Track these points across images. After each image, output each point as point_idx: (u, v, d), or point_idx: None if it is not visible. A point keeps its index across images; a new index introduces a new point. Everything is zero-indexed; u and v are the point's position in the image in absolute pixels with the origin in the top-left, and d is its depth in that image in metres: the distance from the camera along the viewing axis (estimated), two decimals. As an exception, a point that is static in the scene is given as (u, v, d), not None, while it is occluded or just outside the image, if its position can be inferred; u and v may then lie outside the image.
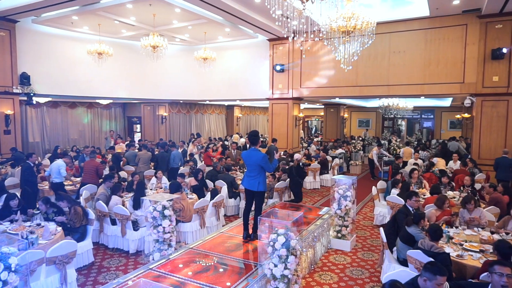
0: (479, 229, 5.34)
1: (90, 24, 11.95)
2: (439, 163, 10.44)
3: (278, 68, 12.85)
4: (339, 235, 6.43)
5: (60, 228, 5.22)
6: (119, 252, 6.31)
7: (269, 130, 13.89)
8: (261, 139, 16.00)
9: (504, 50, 9.69)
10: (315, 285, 5.16)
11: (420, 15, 10.67)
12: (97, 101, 15.87)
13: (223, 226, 6.96)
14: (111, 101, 16.36)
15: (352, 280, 5.32)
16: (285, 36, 6.57)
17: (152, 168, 10.43)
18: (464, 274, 4.23)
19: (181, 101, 17.75)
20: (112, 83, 13.92)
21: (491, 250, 4.40)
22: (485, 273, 3.59)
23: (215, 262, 4.64)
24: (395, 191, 7.54)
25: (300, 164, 9.87)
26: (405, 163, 10.96)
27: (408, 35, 11.21)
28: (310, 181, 11.42)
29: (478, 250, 4.50)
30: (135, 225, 6.28)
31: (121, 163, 10.59)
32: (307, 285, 5.14)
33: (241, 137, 18.90)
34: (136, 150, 11.16)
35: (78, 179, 8.98)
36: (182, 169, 10.02)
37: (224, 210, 8.12)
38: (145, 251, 5.97)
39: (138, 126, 19.27)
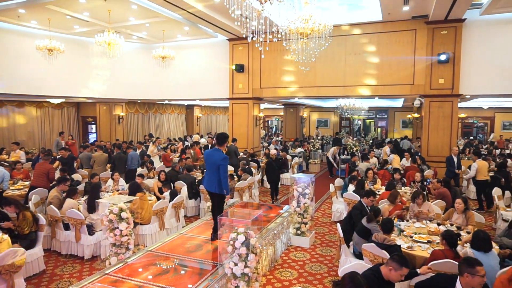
0: (427, 221, 5.69)
1: (39, 18, 11.27)
2: (395, 160, 10.95)
3: (237, 68, 12.88)
4: (299, 232, 6.57)
5: (7, 235, 4.89)
6: (73, 259, 6.03)
7: (230, 130, 13.88)
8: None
9: (443, 57, 10.38)
10: (276, 282, 5.24)
11: (374, 19, 11.16)
12: (48, 100, 15.00)
13: (183, 227, 6.87)
14: (63, 100, 15.54)
15: (311, 275, 5.46)
16: (244, 36, 6.59)
17: (109, 170, 10.06)
18: (414, 264, 4.48)
19: (139, 101, 17.25)
20: (64, 81, 13.21)
21: (438, 241, 4.71)
22: (434, 262, 3.84)
23: (175, 264, 4.58)
24: (351, 187, 7.84)
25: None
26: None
27: (362, 38, 11.68)
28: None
29: (426, 241, 4.80)
30: (90, 230, 6.03)
31: (75, 165, 10.11)
32: (268, 282, 5.21)
33: (201, 137, 18.73)
34: (92, 152, 10.70)
35: (27, 183, 8.45)
36: (140, 170, 9.76)
37: (184, 211, 8.02)
38: (101, 256, 5.74)
39: (93, 126, 18.46)
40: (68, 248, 6.10)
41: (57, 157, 10.17)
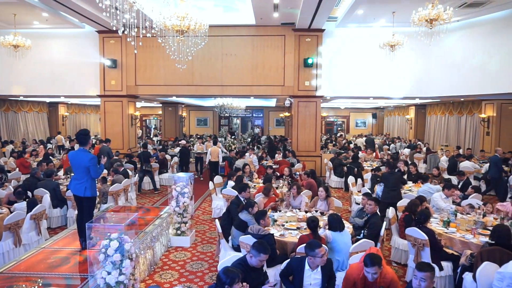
0: (297, 210, 6.27)
1: None
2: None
3: (109, 63, 11.96)
4: (179, 232, 6.48)
5: None
6: None
7: (102, 130, 12.81)
8: (94, 139, 14.65)
9: (307, 62, 11.63)
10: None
11: (248, 22, 11.74)
12: None
13: (46, 240, 6.04)
14: None
15: (193, 274, 5.45)
16: (114, 29, 6.15)
17: None
18: (286, 250, 4.90)
19: (-17, 96, 14.46)
20: None
21: (305, 227, 5.24)
22: (301, 246, 4.26)
23: (38, 283, 3.99)
24: (231, 183, 8.10)
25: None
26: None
27: (238, 39, 12.17)
28: (148, 181, 11.08)
29: (295, 228, 5.29)
30: None
31: None
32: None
33: (69, 138, 16.78)
34: None
35: None
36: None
37: (48, 222, 7.07)
38: None
39: None
40: None
41: None
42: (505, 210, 5.91)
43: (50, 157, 11.58)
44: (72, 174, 5.29)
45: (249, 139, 19.46)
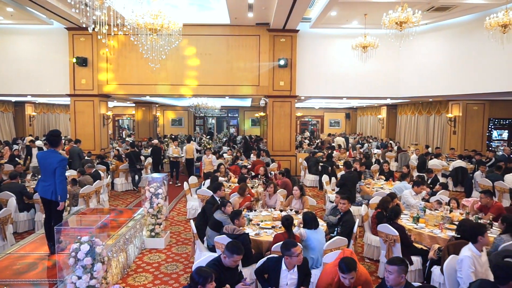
0: (272, 209, 6.30)
1: None
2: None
3: (79, 61, 11.58)
4: (153, 233, 6.37)
5: None
6: None
7: (72, 130, 12.40)
8: (64, 140, 14.15)
9: (282, 62, 11.71)
10: (129, 289, 4.96)
11: (222, 22, 11.68)
12: None
13: (12, 245, 5.78)
14: None
15: (167, 275, 5.37)
16: (84, 26, 5.97)
17: None
18: (261, 249, 4.91)
19: None
20: None
21: (280, 225, 5.27)
22: (276, 244, 4.29)
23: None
24: (208, 183, 8.05)
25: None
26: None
27: (213, 39, 12.09)
28: (121, 183, 10.84)
29: (271, 227, 5.31)
30: None
31: None
32: (120, 291, 4.87)
33: (36, 139, 16.12)
34: None
35: None
36: None
37: (14, 227, 6.77)
38: None
39: None
40: None
41: None
42: (470, 205, 6.19)
43: (16, 158, 11.13)
44: (39, 176, 5.10)
45: (225, 139, 19.40)
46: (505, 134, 15.33)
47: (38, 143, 14.86)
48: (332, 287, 3.57)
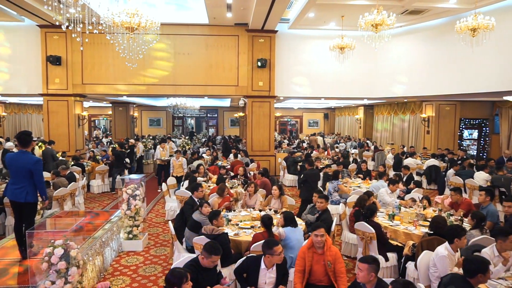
0: (251, 209, 6.31)
1: None
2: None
3: (53, 60, 11.25)
4: (131, 236, 6.26)
5: None
6: None
7: (45, 131, 12.02)
8: (36, 141, 13.69)
9: (261, 63, 11.74)
10: (105, 293, 4.85)
11: (201, 21, 11.61)
12: None
13: (-20, 251, 5.56)
14: None
15: (145, 278, 5.29)
16: (57, 23, 5.81)
17: None
18: (240, 249, 4.92)
19: None
20: None
21: (259, 225, 5.29)
22: (255, 244, 4.30)
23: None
24: (186, 183, 7.97)
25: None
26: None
27: (191, 38, 12.00)
28: (98, 185, 10.59)
29: (250, 227, 5.32)
30: None
31: None
32: (96, 296, 4.77)
33: (7, 140, 15.53)
34: None
35: None
36: None
37: (-18, 232, 6.52)
38: None
39: None
40: None
41: None
42: (441, 201, 6.40)
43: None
44: (8, 179, 4.93)
45: (204, 140, 19.30)
46: (475, 134, 15.97)
47: (9, 144, 14.34)
48: (306, 259, 3.84)
